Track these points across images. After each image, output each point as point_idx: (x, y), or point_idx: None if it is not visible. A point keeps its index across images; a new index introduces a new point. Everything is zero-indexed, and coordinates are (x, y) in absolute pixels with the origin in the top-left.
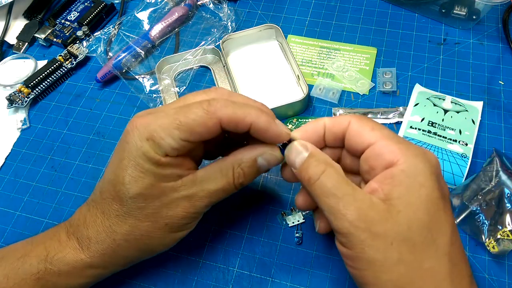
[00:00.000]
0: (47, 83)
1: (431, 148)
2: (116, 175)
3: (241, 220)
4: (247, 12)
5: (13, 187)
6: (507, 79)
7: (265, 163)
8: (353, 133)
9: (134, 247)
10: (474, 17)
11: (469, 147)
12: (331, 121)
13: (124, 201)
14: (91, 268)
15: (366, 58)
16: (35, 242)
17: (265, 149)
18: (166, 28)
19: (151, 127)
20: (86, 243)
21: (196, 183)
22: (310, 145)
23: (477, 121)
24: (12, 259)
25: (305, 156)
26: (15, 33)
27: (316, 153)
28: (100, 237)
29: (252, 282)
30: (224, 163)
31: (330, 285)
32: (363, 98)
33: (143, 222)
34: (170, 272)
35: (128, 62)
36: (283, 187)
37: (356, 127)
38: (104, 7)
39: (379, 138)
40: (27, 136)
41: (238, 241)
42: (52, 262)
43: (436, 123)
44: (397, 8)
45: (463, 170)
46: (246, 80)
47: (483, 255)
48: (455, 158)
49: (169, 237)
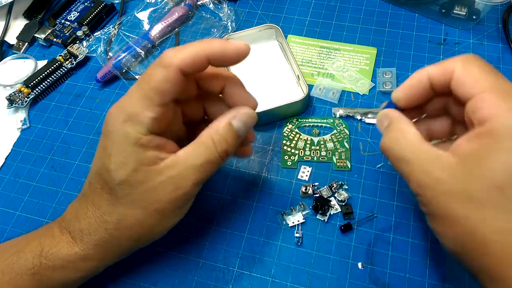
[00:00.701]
0: (47, 83)
1: None
2: (102, 164)
3: (241, 220)
4: (247, 12)
5: (13, 187)
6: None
7: (241, 124)
8: (456, 84)
9: (126, 236)
10: (474, 17)
11: None
12: (435, 71)
13: (113, 189)
14: (85, 260)
15: (366, 58)
16: (29, 239)
17: (238, 110)
18: (166, 28)
19: (124, 108)
20: (79, 235)
21: (179, 162)
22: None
23: None
24: (7, 254)
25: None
26: (15, 33)
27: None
28: (92, 228)
29: (252, 282)
30: (202, 136)
31: (330, 285)
32: (363, 98)
33: (132, 209)
34: (170, 272)
35: (128, 62)
36: (283, 187)
37: (460, 76)
38: (104, 7)
39: (481, 90)
40: (27, 136)
41: (238, 241)
42: (47, 257)
43: None
44: (397, 8)
45: None
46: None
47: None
48: None
49: (160, 223)
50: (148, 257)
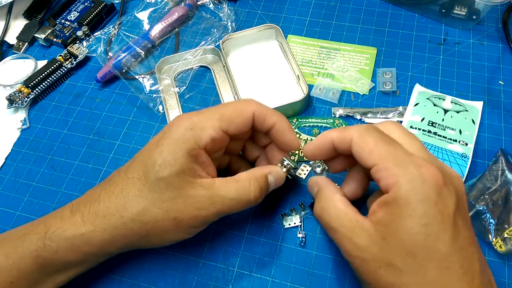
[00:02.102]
0: (47, 83)
1: (431, 148)
2: (150, 157)
3: (241, 220)
4: (247, 12)
5: (13, 187)
6: (507, 79)
7: (273, 180)
8: (354, 153)
9: (136, 231)
10: (474, 17)
11: (469, 147)
12: (335, 138)
13: (149, 181)
14: (88, 245)
15: (366, 58)
16: (36, 222)
17: (273, 168)
18: (166, 28)
19: (194, 118)
20: (92, 217)
21: (213, 187)
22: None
23: (477, 121)
24: (13, 238)
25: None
26: (15, 33)
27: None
28: (109, 212)
29: (252, 282)
30: (241, 176)
31: (330, 285)
32: (363, 98)
33: (156, 208)
34: (170, 272)
35: (128, 62)
36: (283, 187)
37: (355, 146)
38: (104, 7)
39: (377, 161)
40: (27, 136)
41: (238, 241)
42: (51, 238)
43: (436, 123)
44: (397, 8)
45: (463, 170)
46: (246, 80)
47: (490, 255)
48: (455, 158)
49: (171, 233)
50: (148, 257)
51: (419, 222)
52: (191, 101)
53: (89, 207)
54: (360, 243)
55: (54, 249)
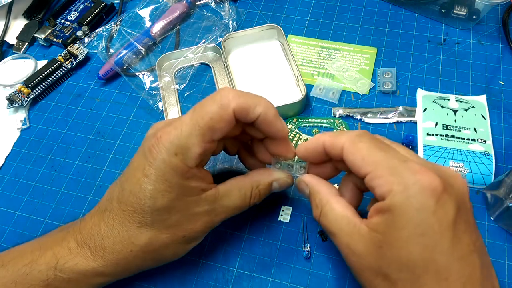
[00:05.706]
0: (47, 83)
1: (454, 152)
2: (141, 188)
3: (241, 220)
4: (247, 12)
5: (13, 187)
6: (507, 79)
7: (277, 186)
8: (346, 160)
9: (150, 258)
10: (474, 17)
11: (489, 144)
12: (327, 143)
13: (148, 213)
14: (101, 276)
15: (366, 58)
16: (43, 248)
17: (282, 175)
18: (167, 25)
19: (176, 141)
20: (100, 253)
21: (217, 199)
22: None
23: (487, 116)
24: (20, 264)
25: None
26: (15, 33)
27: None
28: (117, 248)
29: (252, 282)
30: (243, 183)
31: (330, 285)
32: (363, 98)
33: (163, 234)
34: (170, 272)
35: (129, 59)
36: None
37: (347, 154)
38: (104, 7)
39: (371, 168)
40: (27, 136)
41: (238, 241)
42: (62, 270)
43: (449, 125)
44: (397, 8)
45: (490, 168)
46: (245, 79)
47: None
48: (479, 157)
49: (182, 248)
50: None
51: (415, 232)
52: (190, 99)
53: (94, 241)
54: (358, 250)
55: (66, 280)
